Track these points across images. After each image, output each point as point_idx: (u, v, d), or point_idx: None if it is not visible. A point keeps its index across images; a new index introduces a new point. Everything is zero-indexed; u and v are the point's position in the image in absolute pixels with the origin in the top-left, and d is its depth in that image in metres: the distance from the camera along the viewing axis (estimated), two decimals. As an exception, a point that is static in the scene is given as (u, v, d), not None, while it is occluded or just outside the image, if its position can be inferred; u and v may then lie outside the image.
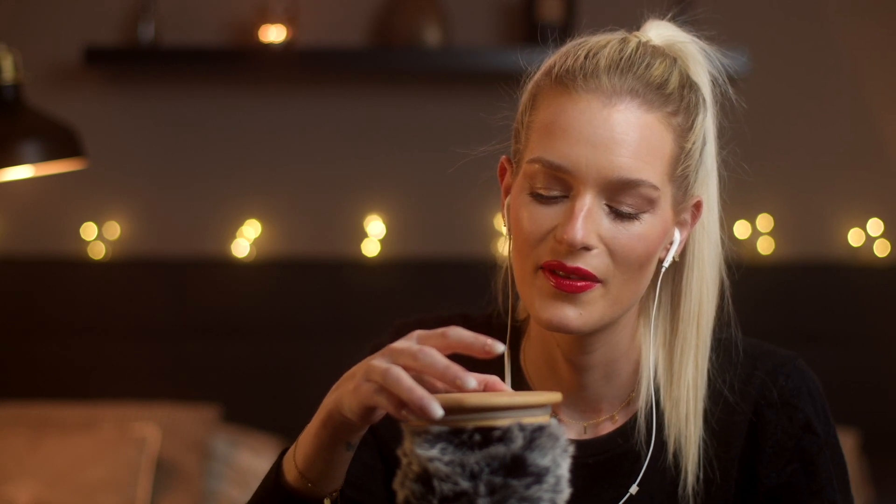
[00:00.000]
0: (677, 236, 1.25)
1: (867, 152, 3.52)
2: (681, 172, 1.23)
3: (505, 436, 0.96)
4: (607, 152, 1.17)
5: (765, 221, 3.50)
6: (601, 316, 1.20)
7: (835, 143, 3.52)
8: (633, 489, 1.27)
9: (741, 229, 3.48)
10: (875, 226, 3.49)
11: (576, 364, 1.28)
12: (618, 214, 1.18)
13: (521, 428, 0.97)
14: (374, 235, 3.50)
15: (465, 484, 0.96)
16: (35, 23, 3.52)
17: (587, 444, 1.29)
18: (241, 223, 3.53)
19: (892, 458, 3.25)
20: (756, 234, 3.49)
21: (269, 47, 3.42)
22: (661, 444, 1.28)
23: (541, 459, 0.97)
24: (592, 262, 1.18)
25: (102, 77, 3.53)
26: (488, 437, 0.97)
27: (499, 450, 0.96)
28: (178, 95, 3.54)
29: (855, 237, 3.50)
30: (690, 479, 1.27)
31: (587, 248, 1.17)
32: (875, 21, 3.53)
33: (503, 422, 0.97)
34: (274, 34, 3.43)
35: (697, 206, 1.27)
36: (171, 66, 3.50)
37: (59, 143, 2.36)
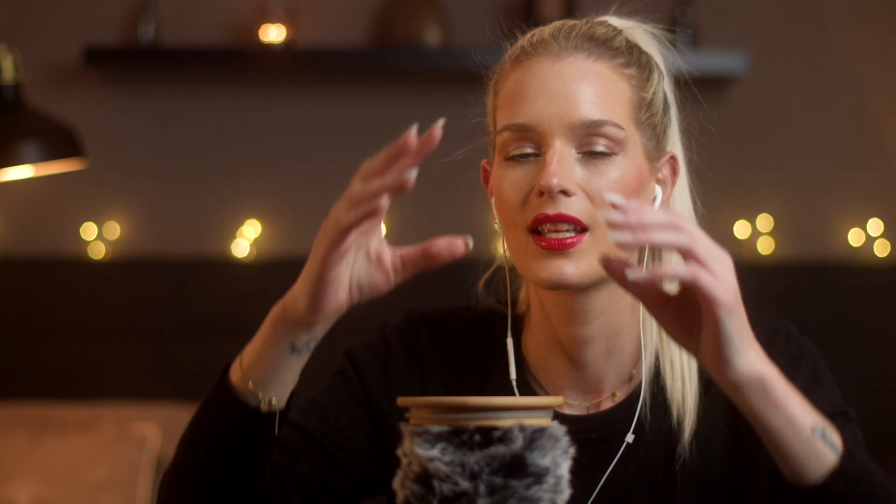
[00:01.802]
0: (659, 193, 1.29)
1: (867, 152, 3.52)
2: (646, 120, 1.27)
3: (505, 436, 0.96)
4: (565, 101, 1.22)
5: (765, 221, 3.50)
6: (597, 266, 1.21)
7: (835, 143, 3.52)
8: (629, 437, 1.27)
9: (741, 229, 3.48)
10: (875, 226, 3.49)
11: (576, 340, 1.28)
12: (590, 157, 1.22)
13: (522, 429, 0.97)
14: (374, 235, 3.50)
15: (465, 484, 0.96)
16: (35, 23, 3.52)
17: (589, 419, 1.29)
18: (241, 223, 3.53)
19: (892, 458, 3.24)
20: (756, 234, 3.49)
21: (268, 47, 3.42)
22: (665, 408, 1.28)
23: (541, 460, 0.97)
24: (574, 208, 1.21)
25: (102, 77, 3.53)
26: (488, 437, 0.97)
27: (499, 450, 0.96)
28: (178, 95, 3.54)
29: (855, 237, 3.50)
30: (687, 436, 1.27)
31: (566, 194, 1.21)
32: (875, 21, 3.53)
33: (504, 422, 0.97)
34: (274, 34, 3.43)
35: (674, 163, 1.31)
36: (171, 66, 3.51)
37: (59, 143, 2.36)
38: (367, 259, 1.11)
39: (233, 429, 1.17)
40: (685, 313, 1.08)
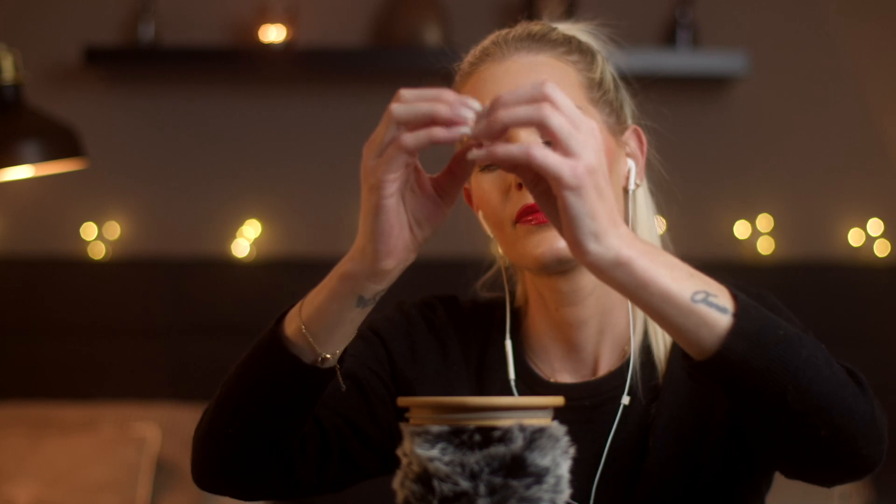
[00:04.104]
0: (632, 165, 1.31)
1: (867, 152, 3.52)
2: (601, 98, 1.30)
3: (505, 436, 0.96)
4: None
5: (765, 221, 3.50)
6: None
7: (835, 143, 3.52)
8: (625, 399, 1.30)
9: (741, 229, 3.48)
10: (875, 226, 3.49)
11: (571, 324, 1.32)
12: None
13: (522, 428, 0.97)
14: (374, 235, 3.50)
15: (465, 484, 0.96)
16: (35, 23, 3.52)
17: (581, 386, 1.32)
18: (241, 223, 3.53)
19: (892, 458, 3.24)
20: (756, 234, 3.49)
21: (269, 47, 3.42)
22: (652, 367, 1.32)
23: (541, 460, 0.97)
24: None
25: (102, 77, 3.53)
26: (488, 437, 0.97)
27: (499, 450, 0.96)
28: (178, 95, 3.54)
29: (855, 237, 3.50)
30: (662, 389, 1.29)
31: None
32: (875, 21, 3.53)
33: (504, 422, 0.97)
34: (274, 34, 3.43)
35: (639, 136, 1.34)
36: (171, 66, 3.51)
37: (59, 143, 2.36)
38: (413, 192, 1.10)
39: (283, 382, 1.16)
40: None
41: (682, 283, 1.04)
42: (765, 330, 1.06)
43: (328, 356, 1.15)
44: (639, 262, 1.02)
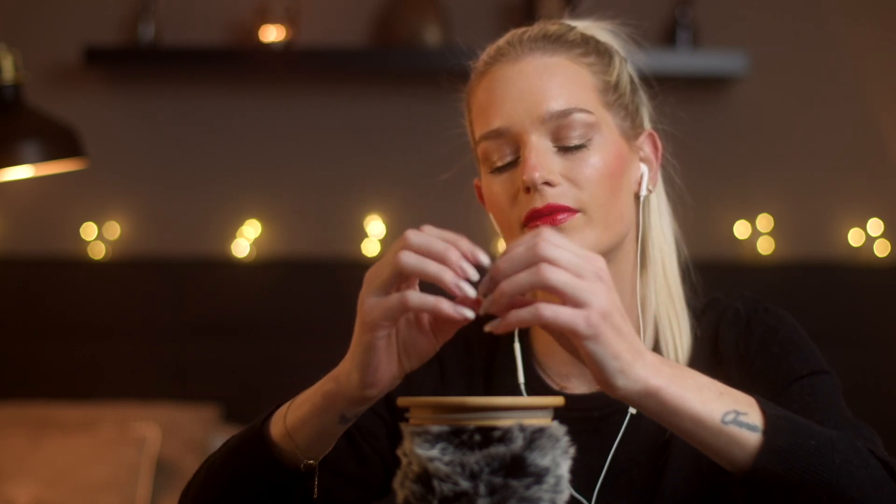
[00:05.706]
0: (645, 170, 1.31)
1: (867, 152, 3.52)
2: (616, 101, 1.29)
3: (505, 436, 0.96)
4: (531, 97, 1.24)
5: (765, 221, 3.50)
6: (596, 241, 1.24)
7: (835, 143, 3.52)
8: (633, 409, 1.29)
9: (741, 229, 3.48)
10: (875, 226, 3.49)
11: None
12: (567, 149, 1.24)
13: (522, 429, 0.97)
14: (373, 235, 3.50)
15: (465, 484, 0.96)
16: (35, 23, 3.52)
17: (591, 397, 1.31)
18: (241, 223, 3.53)
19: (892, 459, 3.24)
20: (756, 234, 3.49)
21: (269, 47, 3.42)
22: None
23: (541, 460, 0.97)
24: (561, 197, 1.23)
25: (102, 77, 3.53)
26: (488, 437, 0.96)
27: (499, 450, 0.96)
28: (178, 95, 3.54)
29: (855, 237, 3.50)
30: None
31: (550, 185, 1.22)
32: (875, 21, 3.53)
33: (504, 422, 0.97)
34: (274, 34, 3.43)
35: (654, 141, 1.33)
36: (171, 66, 3.51)
37: (59, 143, 2.35)
38: (409, 323, 1.10)
39: (265, 482, 1.19)
40: None
41: (712, 405, 1.06)
42: (796, 443, 1.08)
43: (311, 462, 1.18)
44: (668, 390, 1.04)
